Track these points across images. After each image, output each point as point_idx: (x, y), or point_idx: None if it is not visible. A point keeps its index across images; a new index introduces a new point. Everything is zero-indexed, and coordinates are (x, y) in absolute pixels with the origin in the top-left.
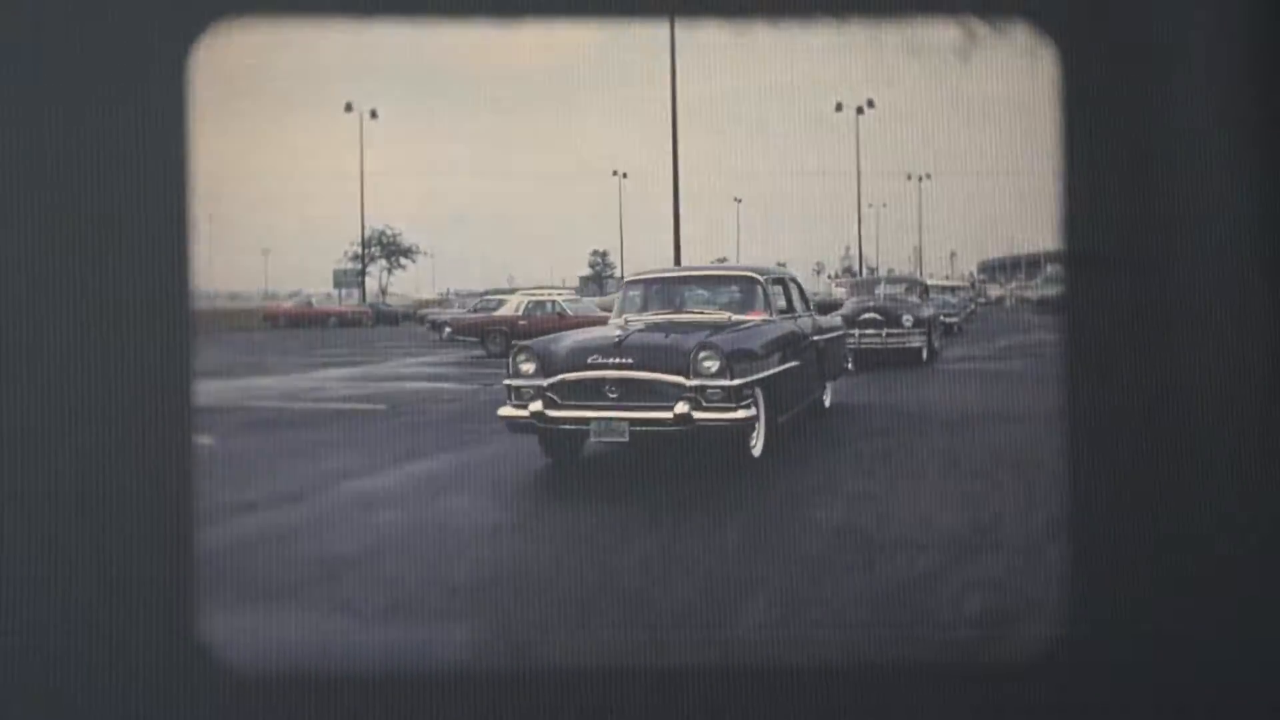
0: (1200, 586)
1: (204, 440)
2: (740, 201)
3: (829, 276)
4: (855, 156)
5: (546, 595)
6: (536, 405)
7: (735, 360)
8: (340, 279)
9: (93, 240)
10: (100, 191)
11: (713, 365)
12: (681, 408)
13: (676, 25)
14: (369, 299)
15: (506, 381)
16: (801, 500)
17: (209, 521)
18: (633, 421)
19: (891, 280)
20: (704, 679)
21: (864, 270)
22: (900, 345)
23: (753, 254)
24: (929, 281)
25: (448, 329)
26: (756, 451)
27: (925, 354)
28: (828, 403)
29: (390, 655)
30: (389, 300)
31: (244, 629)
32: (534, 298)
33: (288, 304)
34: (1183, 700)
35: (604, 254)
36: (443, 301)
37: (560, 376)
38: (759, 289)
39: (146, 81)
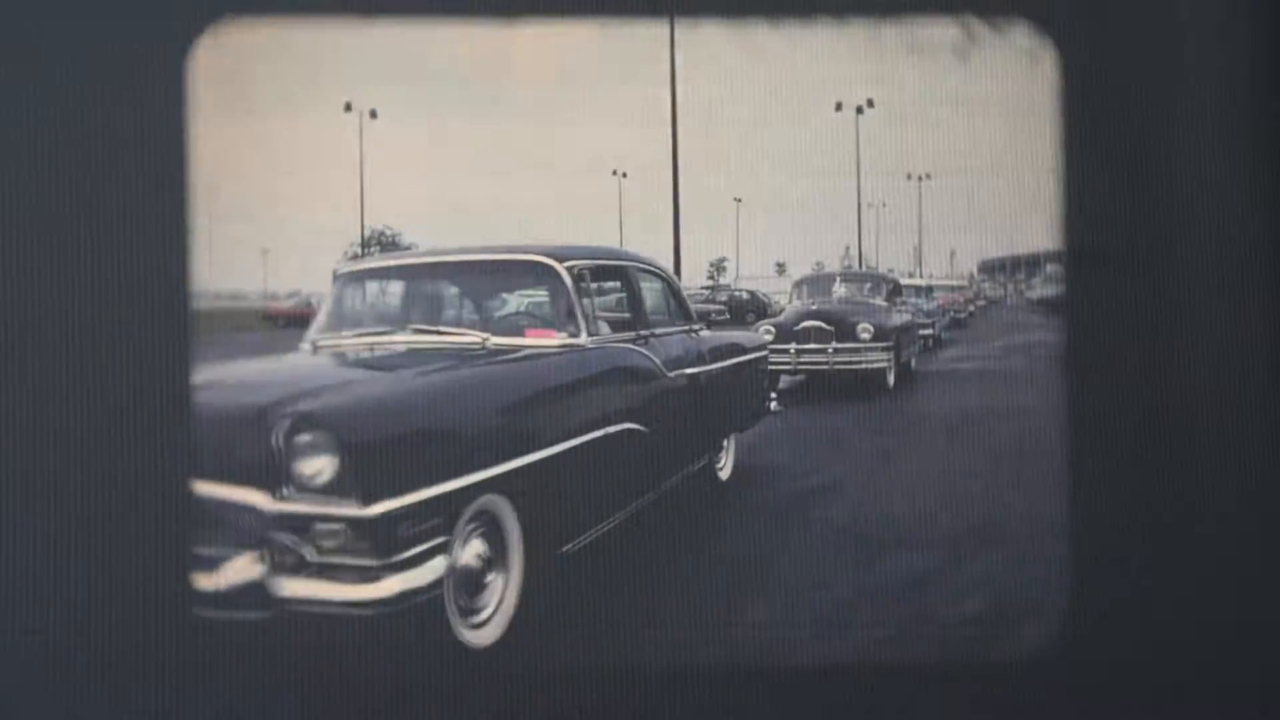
0: (1200, 585)
1: None
2: (740, 201)
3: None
4: (855, 156)
5: None
6: None
7: (378, 454)
8: None
9: (92, 240)
10: (100, 191)
11: (321, 469)
12: (243, 567)
13: (676, 25)
14: None
15: None
16: None
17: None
18: None
19: (851, 277)
20: (704, 679)
21: (863, 270)
22: (855, 365)
23: (753, 254)
24: (904, 280)
25: None
26: (488, 634)
27: (892, 377)
28: (726, 472)
29: (390, 655)
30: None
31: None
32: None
33: (287, 304)
34: (1183, 699)
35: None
36: None
37: None
38: (564, 289)
39: (146, 81)
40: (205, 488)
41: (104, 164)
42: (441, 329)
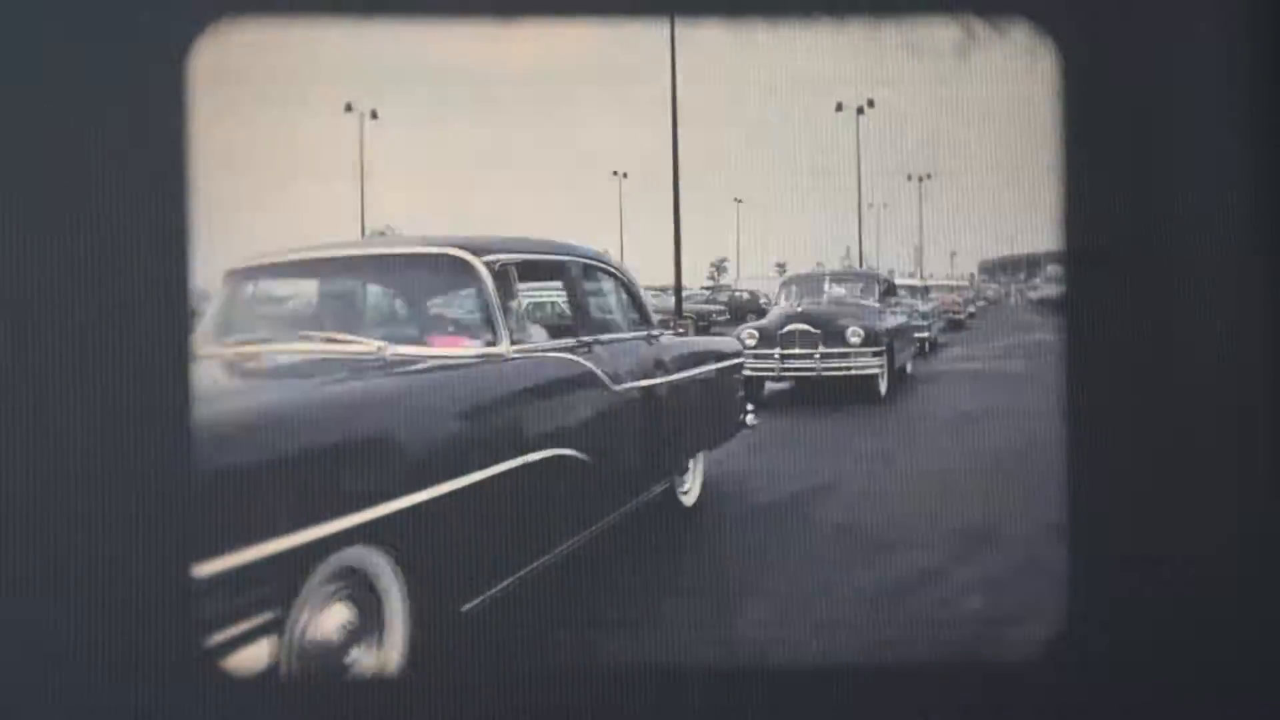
0: (1200, 586)
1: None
2: (740, 201)
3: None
4: (855, 156)
5: None
6: None
7: None
8: None
9: (92, 240)
10: (100, 191)
11: None
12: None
13: (676, 25)
14: None
15: None
16: None
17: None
18: None
19: (842, 276)
20: (705, 679)
21: (859, 269)
22: (843, 371)
23: (753, 254)
24: (900, 280)
25: None
26: None
27: (884, 384)
28: (691, 496)
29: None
30: None
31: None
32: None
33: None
34: (1183, 700)
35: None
36: None
37: None
38: (481, 288)
39: (146, 81)
40: None
41: (104, 164)
42: (333, 336)
